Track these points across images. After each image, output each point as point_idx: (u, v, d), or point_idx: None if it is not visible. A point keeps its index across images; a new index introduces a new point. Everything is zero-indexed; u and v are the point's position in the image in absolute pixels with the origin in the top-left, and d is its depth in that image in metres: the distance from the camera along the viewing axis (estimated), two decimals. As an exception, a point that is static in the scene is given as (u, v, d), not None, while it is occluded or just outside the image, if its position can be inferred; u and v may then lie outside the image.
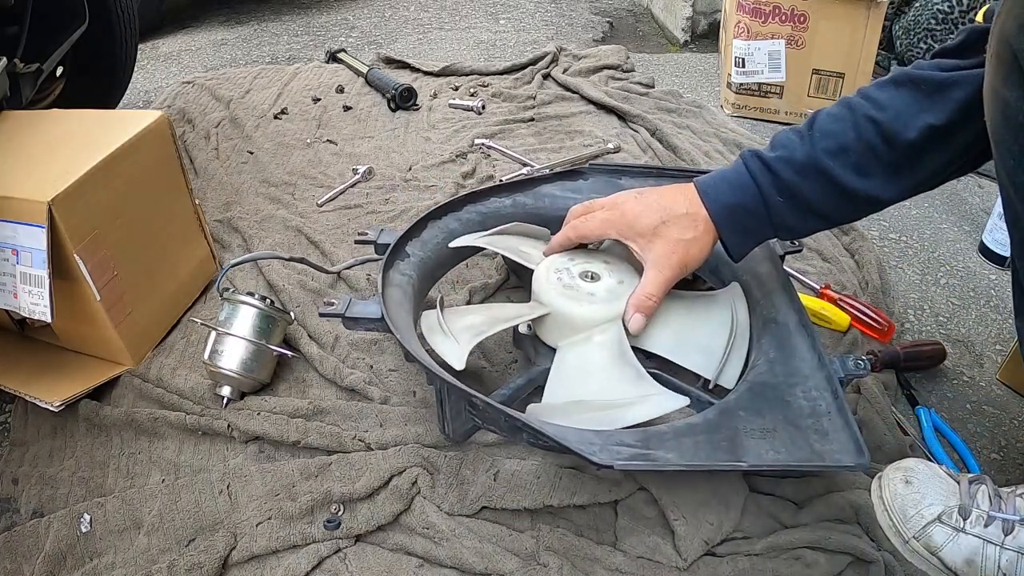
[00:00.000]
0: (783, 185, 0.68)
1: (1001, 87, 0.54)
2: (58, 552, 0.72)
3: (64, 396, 0.81)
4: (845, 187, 0.66)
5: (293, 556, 0.70)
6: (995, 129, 0.56)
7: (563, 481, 0.73)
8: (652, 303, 0.74)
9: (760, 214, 0.70)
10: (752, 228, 0.72)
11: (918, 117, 0.63)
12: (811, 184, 0.67)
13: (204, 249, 1.03)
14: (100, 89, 1.51)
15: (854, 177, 0.66)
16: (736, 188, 0.70)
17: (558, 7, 2.46)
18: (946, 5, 1.72)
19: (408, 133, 1.47)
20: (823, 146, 0.66)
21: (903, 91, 0.64)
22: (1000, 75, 0.53)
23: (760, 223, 0.71)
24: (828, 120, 0.67)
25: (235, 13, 2.51)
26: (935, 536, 0.66)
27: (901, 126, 0.63)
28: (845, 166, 0.66)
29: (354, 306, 0.76)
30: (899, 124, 0.63)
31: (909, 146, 0.64)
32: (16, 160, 0.85)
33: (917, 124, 0.63)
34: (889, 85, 0.66)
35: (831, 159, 0.66)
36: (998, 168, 0.58)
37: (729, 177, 0.71)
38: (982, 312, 1.05)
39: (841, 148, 0.66)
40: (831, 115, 0.67)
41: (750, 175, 0.70)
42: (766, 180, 0.69)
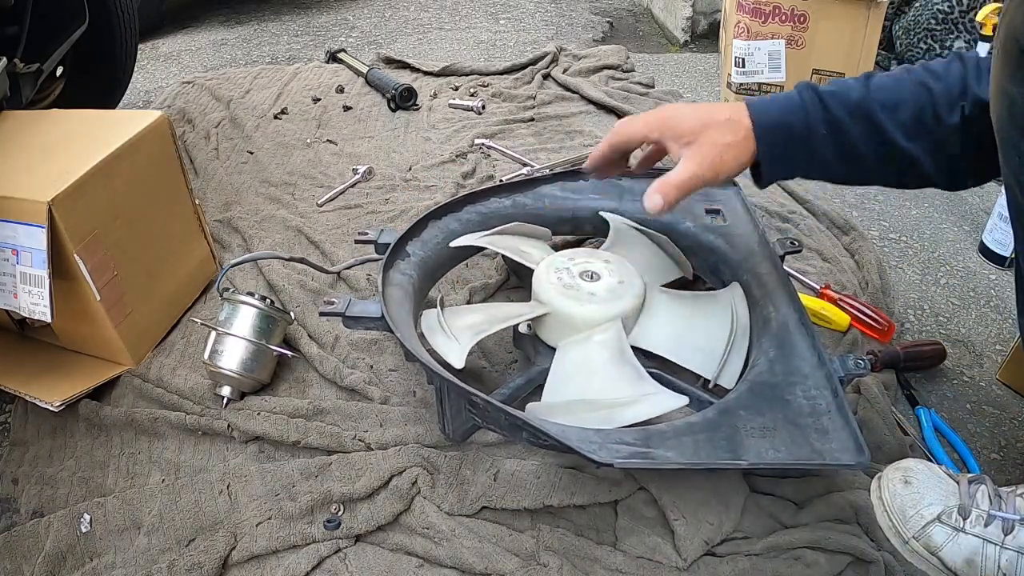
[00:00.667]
0: (832, 119, 0.68)
1: (1007, 83, 0.53)
2: (58, 552, 0.72)
3: (64, 396, 0.81)
4: (891, 141, 0.66)
5: (293, 556, 0.70)
6: (1001, 126, 0.56)
7: (563, 481, 0.73)
8: (674, 190, 0.70)
9: (802, 140, 0.69)
10: (790, 154, 0.70)
11: (969, 91, 0.63)
12: (859, 127, 0.67)
13: (204, 249, 1.03)
14: (100, 89, 1.51)
15: (901, 136, 0.66)
16: (784, 109, 0.69)
17: (558, 7, 2.46)
18: (946, 5, 1.72)
19: (408, 133, 1.48)
20: (877, 97, 0.66)
21: (958, 67, 0.65)
22: (1007, 71, 0.53)
23: (799, 150, 0.70)
24: (885, 77, 0.68)
25: (235, 13, 2.51)
26: (935, 536, 0.66)
27: (952, 101, 0.64)
28: (895, 122, 0.66)
29: (354, 305, 0.76)
30: (950, 98, 0.64)
31: (954, 127, 0.64)
32: (16, 160, 0.85)
33: (969, 97, 0.63)
34: (953, 60, 0.66)
35: (883, 111, 0.66)
36: (1003, 165, 0.57)
37: (779, 98, 0.70)
38: (982, 312, 1.05)
39: (895, 103, 0.66)
40: (888, 74, 0.68)
41: (801, 101, 0.69)
42: (816, 110, 0.68)
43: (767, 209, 1.20)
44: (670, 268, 0.91)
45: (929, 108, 0.65)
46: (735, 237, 0.90)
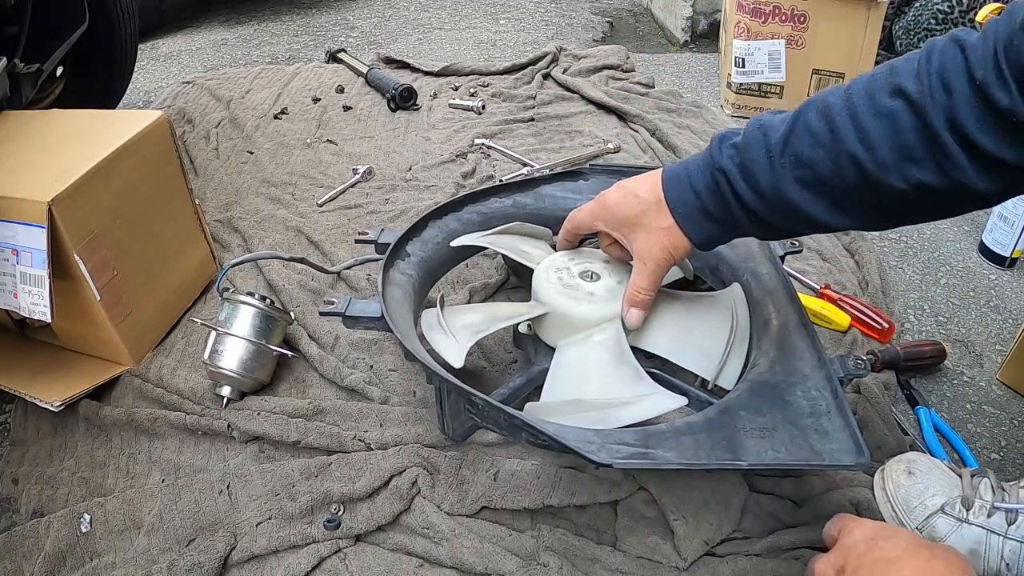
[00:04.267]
0: (748, 209, 0.62)
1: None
2: (58, 552, 0.72)
3: (64, 396, 0.81)
4: (817, 221, 0.59)
5: (293, 556, 0.70)
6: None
7: (563, 481, 0.73)
8: (643, 296, 0.72)
9: (729, 224, 0.65)
10: (721, 238, 0.67)
11: (911, 169, 0.53)
12: (778, 215, 0.61)
13: (204, 249, 1.03)
14: (100, 89, 1.51)
15: (828, 212, 0.58)
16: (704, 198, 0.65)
17: (558, 7, 2.46)
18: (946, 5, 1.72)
19: (408, 133, 1.47)
20: (796, 175, 0.58)
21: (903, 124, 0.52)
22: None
23: (729, 233, 0.67)
24: (807, 142, 0.57)
25: (235, 13, 2.51)
26: (938, 527, 0.66)
27: (889, 174, 0.54)
28: (818, 200, 0.58)
29: (354, 305, 0.76)
30: (886, 172, 0.54)
31: (894, 194, 0.55)
32: (16, 160, 0.85)
33: (908, 176, 0.53)
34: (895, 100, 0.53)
35: (803, 191, 0.58)
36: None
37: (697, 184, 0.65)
38: (982, 312, 1.05)
39: (817, 180, 0.57)
40: (812, 134, 0.57)
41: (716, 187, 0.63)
42: (732, 199, 0.62)
43: (767, 209, 1.20)
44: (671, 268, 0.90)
45: (860, 184, 0.55)
46: (735, 238, 0.90)
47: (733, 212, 0.63)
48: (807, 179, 0.57)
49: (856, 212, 0.58)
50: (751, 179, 0.60)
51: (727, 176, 0.62)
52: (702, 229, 0.66)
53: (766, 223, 0.63)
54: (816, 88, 1.64)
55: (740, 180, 0.61)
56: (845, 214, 0.58)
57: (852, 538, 0.50)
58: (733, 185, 0.62)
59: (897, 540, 0.48)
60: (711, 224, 0.66)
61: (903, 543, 0.48)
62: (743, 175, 0.61)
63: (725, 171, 0.62)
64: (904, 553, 0.47)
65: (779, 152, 0.58)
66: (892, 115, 0.53)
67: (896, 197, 0.55)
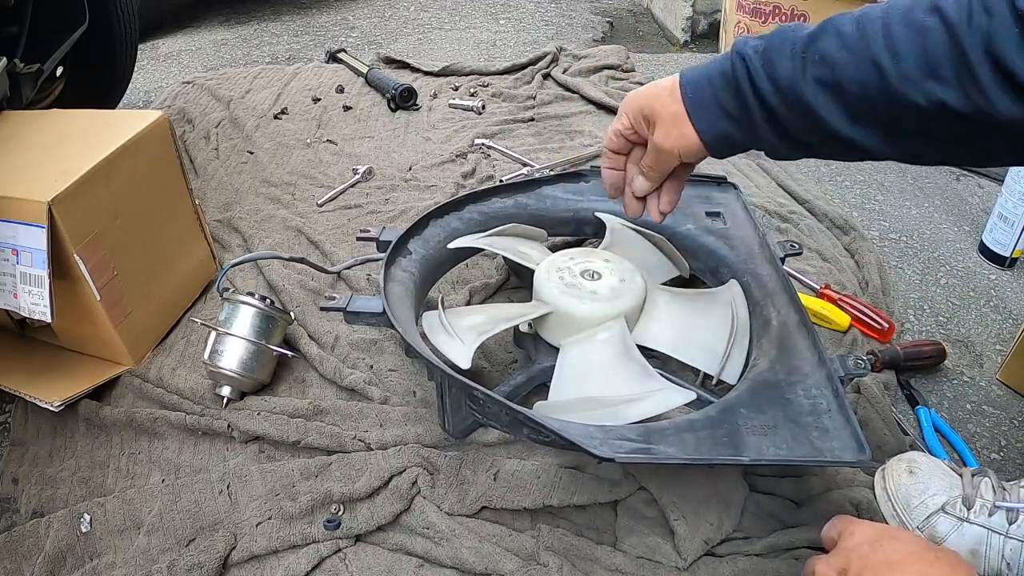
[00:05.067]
0: (764, 103, 0.59)
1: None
2: (58, 552, 0.72)
3: (64, 396, 0.81)
4: (830, 129, 0.57)
5: (293, 556, 0.70)
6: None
7: (563, 481, 0.73)
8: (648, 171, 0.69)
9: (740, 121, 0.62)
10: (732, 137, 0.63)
11: (933, 86, 0.51)
12: (793, 115, 0.58)
13: (204, 249, 1.03)
14: (100, 89, 1.51)
15: (841, 120, 0.56)
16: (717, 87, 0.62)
17: (558, 7, 2.46)
18: (946, 5, 1.71)
19: (408, 133, 1.48)
20: (815, 74, 0.56)
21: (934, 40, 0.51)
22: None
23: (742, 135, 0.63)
24: (834, 43, 0.55)
25: (235, 13, 2.51)
26: (939, 526, 0.66)
27: (910, 87, 0.52)
28: (835, 106, 0.56)
29: (356, 301, 0.76)
30: (908, 85, 0.52)
31: (912, 110, 0.53)
32: (16, 160, 0.85)
33: (928, 93, 0.51)
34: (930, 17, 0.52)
35: (821, 93, 0.56)
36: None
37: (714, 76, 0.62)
38: (982, 312, 1.05)
39: (836, 83, 0.55)
40: (840, 35, 0.55)
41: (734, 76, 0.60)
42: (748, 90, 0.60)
43: (767, 209, 1.20)
44: (667, 267, 0.91)
45: (878, 94, 0.54)
46: (735, 239, 0.90)
47: (747, 102, 0.60)
48: (826, 79, 0.56)
49: (869, 126, 0.56)
50: (770, 67, 0.58)
51: (746, 63, 0.60)
52: (712, 121, 0.63)
53: (780, 122, 0.59)
54: (816, 88, 1.64)
55: (759, 67, 0.59)
56: (858, 126, 0.56)
57: (854, 540, 0.50)
58: (751, 71, 0.59)
59: (900, 542, 0.48)
60: (722, 117, 0.62)
61: (907, 545, 0.48)
62: (763, 62, 0.58)
63: (745, 57, 0.60)
64: (908, 555, 0.46)
65: (803, 46, 0.57)
66: (924, 30, 0.52)
67: (913, 114, 0.53)
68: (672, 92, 0.64)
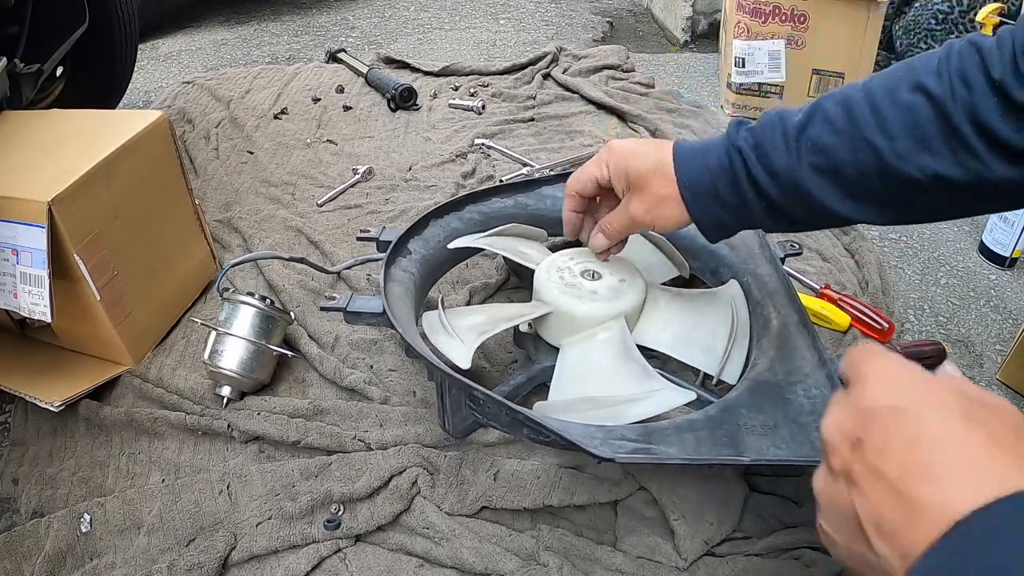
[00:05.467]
0: (761, 192, 0.61)
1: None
2: (58, 552, 0.72)
3: (64, 396, 0.81)
4: (830, 211, 0.59)
5: (293, 556, 0.70)
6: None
7: (563, 481, 0.73)
8: (611, 230, 0.70)
9: (735, 209, 0.63)
10: (726, 224, 0.65)
11: (927, 159, 0.53)
12: (791, 202, 0.60)
13: (204, 249, 1.03)
14: (100, 89, 1.51)
15: (841, 201, 0.58)
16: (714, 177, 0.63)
17: (558, 7, 2.46)
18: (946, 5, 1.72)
19: (408, 133, 1.47)
20: (811, 161, 0.57)
21: (923, 116, 0.53)
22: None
23: (735, 219, 0.65)
24: (825, 129, 0.57)
25: (235, 13, 2.51)
26: None
27: (905, 163, 0.54)
28: (832, 188, 0.58)
29: (356, 300, 0.76)
30: (903, 161, 0.54)
31: (908, 184, 0.55)
32: (16, 160, 0.85)
33: (923, 167, 0.54)
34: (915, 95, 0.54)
35: (817, 178, 0.58)
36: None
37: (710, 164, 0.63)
38: (982, 312, 1.05)
39: (832, 167, 0.57)
40: (830, 121, 0.57)
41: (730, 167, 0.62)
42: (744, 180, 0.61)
43: (767, 209, 1.20)
44: (667, 267, 0.91)
45: (875, 173, 0.55)
46: (735, 239, 0.89)
47: (744, 194, 0.62)
48: (822, 165, 0.57)
49: (869, 203, 0.58)
50: (765, 159, 0.60)
51: (742, 155, 0.61)
52: (709, 208, 0.64)
53: (777, 208, 0.61)
54: (816, 88, 1.64)
55: (754, 160, 0.60)
56: (858, 204, 0.58)
57: (873, 398, 0.34)
58: (748, 164, 0.61)
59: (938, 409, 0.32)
60: (718, 206, 0.64)
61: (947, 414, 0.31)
62: (757, 155, 0.60)
63: (741, 150, 0.61)
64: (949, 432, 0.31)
65: (795, 135, 0.58)
66: (912, 108, 0.54)
67: (911, 188, 0.55)
68: (664, 173, 0.65)
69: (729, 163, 0.62)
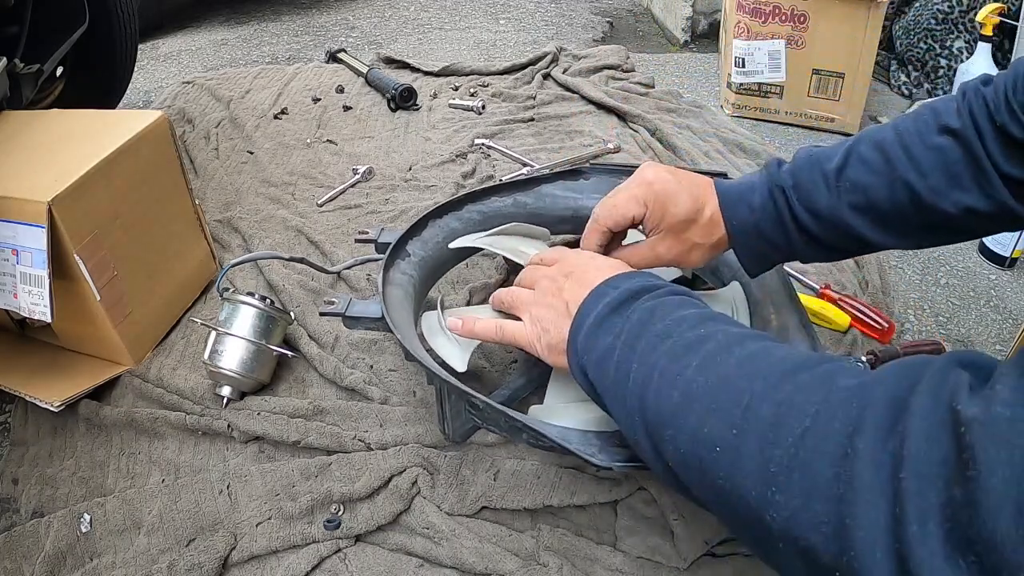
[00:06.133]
0: (803, 228, 0.65)
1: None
2: (58, 552, 0.72)
3: (64, 396, 0.81)
4: (866, 239, 0.64)
5: (293, 556, 0.70)
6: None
7: (563, 481, 0.73)
8: (632, 264, 0.70)
9: (779, 247, 0.67)
10: (769, 256, 0.69)
11: (960, 195, 0.59)
12: (832, 234, 0.65)
13: (204, 249, 1.03)
14: (100, 89, 1.51)
15: (877, 232, 0.63)
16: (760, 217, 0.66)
17: (558, 7, 2.46)
18: (946, 5, 1.72)
19: (408, 133, 1.48)
20: (850, 200, 0.62)
21: (952, 156, 0.59)
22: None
23: (779, 254, 0.68)
24: (862, 170, 0.62)
25: (235, 13, 2.51)
26: None
27: (939, 199, 0.59)
28: (871, 223, 0.63)
29: (354, 305, 0.76)
30: (938, 197, 0.59)
31: (941, 216, 0.60)
32: (16, 160, 0.85)
33: (956, 202, 0.59)
34: (943, 137, 0.59)
35: (857, 215, 0.62)
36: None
37: (754, 203, 0.66)
38: (982, 312, 1.05)
39: (870, 205, 0.62)
40: (866, 163, 0.62)
41: (775, 207, 0.66)
42: (788, 219, 0.65)
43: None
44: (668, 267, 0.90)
45: (911, 208, 0.61)
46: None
47: (788, 231, 0.65)
48: (861, 204, 0.62)
49: (906, 233, 0.63)
50: (807, 199, 0.64)
51: (785, 195, 0.65)
52: (753, 248, 0.68)
53: (818, 242, 0.65)
54: (816, 88, 1.64)
55: (796, 200, 0.64)
56: (895, 235, 0.63)
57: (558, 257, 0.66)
58: (791, 204, 0.65)
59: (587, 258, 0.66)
60: (763, 244, 0.67)
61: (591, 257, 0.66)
62: (798, 195, 0.64)
63: (784, 190, 0.65)
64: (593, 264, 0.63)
65: (835, 176, 0.63)
66: (942, 149, 0.59)
67: (944, 219, 0.60)
68: (700, 223, 0.67)
69: (773, 203, 0.65)
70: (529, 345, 0.64)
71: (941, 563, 0.28)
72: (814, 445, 0.35)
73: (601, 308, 0.55)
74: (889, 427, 0.33)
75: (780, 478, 0.36)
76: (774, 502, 0.36)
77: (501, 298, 0.69)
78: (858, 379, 0.37)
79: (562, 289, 0.62)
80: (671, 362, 0.47)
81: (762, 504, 0.37)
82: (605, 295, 0.56)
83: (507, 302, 0.68)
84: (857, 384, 0.37)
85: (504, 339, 0.66)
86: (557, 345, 0.60)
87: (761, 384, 0.41)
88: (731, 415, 0.40)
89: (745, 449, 0.39)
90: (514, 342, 0.65)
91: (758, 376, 0.41)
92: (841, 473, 0.33)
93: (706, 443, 0.41)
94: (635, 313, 0.52)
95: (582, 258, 0.65)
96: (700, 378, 0.44)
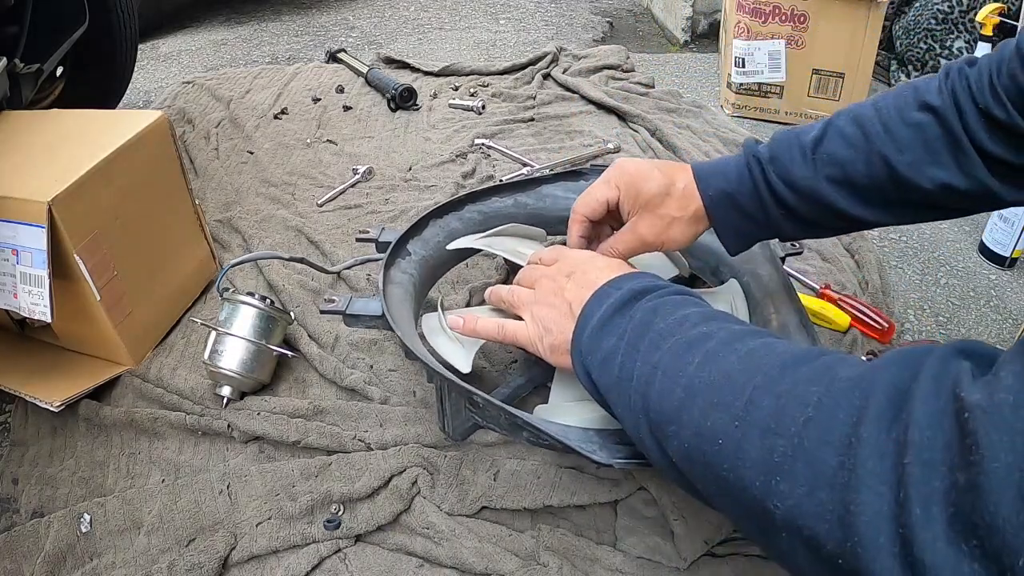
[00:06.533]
0: (780, 200, 0.65)
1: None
2: (58, 552, 0.72)
3: (64, 396, 0.81)
4: (846, 213, 0.63)
5: (293, 556, 0.70)
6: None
7: (563, 481, 0.73)
8: (618, 251, 0.71)
9: (756, 219, 0.67)
10: (749, 232, 0.69)
11: (937, 171, 0.59)
12: (809, 207, 0.64)
13: (204, 249, 1.03)
14: (100, 89, 1.51)
15: (856, 205, 0.63)
16: (736, 189, 0.66)
17: (558, 7, 2.46)
18: (946, 5, 1.72)
19: (408, 133, 1.48)
20: (827, 173, 0.62)
21: (931, 133, 0.58)
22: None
23: (757, 229, 0.68)
24: (840, 143, 0.62)
25: (235, 13, 2.51)
26: None
27: (916, 174, 0.59)
28: (848, 196, 0.62)
29: (355, 303, 0.76)
30: (914, 172, 0.59)
31: (918, 192, 0.60)
32: (16, 160, 0.85)
33: (932, 177, 0.59)
34: (922, 114, 0.59)
35: (834, 188, 0.62)
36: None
37: (729, 175, 0.66)
38: (982, 312, 1.05)
39: (847, 179, 0.62)
40: (844, 137, 0.62)
41: (751, 178, 0.65)
42: (765, 190, 0.65)
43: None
44: (667, 266, 0.91)
45: (888, 183, 0.60)
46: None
47: (764, 202, 0.65)
48: (838, 177, 0.62)
49: (884, 208, 0.63)
50: (783, 170, 0.64)
51: (761, 165, 0.65)
52: (729, 221, 0.68)
53: (796, 216, 0.65)
54: (816, 88, 1.64)
55: (772, 170, 0.64)
56: (874, 209, 0.63)
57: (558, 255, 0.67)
58: (766, 174, 0.64)
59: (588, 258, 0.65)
60: (739, 217, 0.67)
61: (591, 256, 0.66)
62: (775, 166, 0.64)
63: (760, 160, 0.65)
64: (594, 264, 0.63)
65: (811, 149, 0.63)
66: (921, 125, 0.59)
67: (919, 195, 0.60)
68: (676, 195, 0.68)
69: (748, 173, 0.65)
70: (530, 344, 0.64)
71: (944, 547, 0.28)
72: (817, 434, 0.35)
73: (604, 310, 0.55)
74: (892, 415, 0.33)
75: (784, 467, 0.36)
76: (778, 491, 0.36)
77: (501, 296, 0.69)
78: (859, 369, 0.37)
79: (564, 289, 0.62)
80: (674, 360, 0.47)
81: (766, 494, 0.37)
82: (608, 296, 0.56)
83: (507, 301, 0.68)
84: (858, 374, 0.37)
85: (505, 338, 0.66)
86: (560, 346, 0.60)
87: (762, 377, 0.41)
88: (733, 408, 0.40)
89: (748, 440, 0.39)
90: (515, 341, 0.65)
91: (759, 370, 0.41)
92: (845, 461, 0.33)
93: (709, 436, 0.41)
94: (637, 313, 0.53)
95: (582, 258, 0.66)
96: (702, 374, 0.44)
